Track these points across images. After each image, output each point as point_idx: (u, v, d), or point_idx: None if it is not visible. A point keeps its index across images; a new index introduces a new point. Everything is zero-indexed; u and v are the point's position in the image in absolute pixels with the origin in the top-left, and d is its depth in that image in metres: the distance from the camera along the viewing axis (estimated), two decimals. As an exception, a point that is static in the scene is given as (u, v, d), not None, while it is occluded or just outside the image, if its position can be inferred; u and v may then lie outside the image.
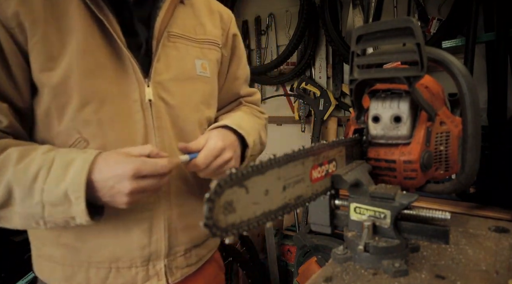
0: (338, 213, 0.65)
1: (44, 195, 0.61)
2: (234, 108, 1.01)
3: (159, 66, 0.75)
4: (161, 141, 0.75)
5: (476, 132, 0.66)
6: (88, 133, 0.69)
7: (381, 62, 0.67)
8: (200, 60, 0.84)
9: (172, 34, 0.79)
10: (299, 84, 2.40)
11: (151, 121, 0.74)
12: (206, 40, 0.86)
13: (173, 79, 0.78)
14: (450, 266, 0.59)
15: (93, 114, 0.69)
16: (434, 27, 1.85)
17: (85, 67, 0.67)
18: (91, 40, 0.68)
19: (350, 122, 0.77)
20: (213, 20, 0.90)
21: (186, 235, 0.81)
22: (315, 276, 0.59)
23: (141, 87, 0.73)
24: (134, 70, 0.72)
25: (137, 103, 0.73)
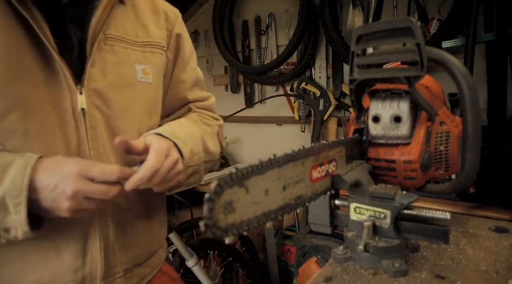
0: (338, 213, 0.65)
1: None
2: (182, 115, 0.94)
3: (94, 71, 0.69)
4: (96, 154, 0.69)
5: (476, 132, 0.66)
6: (13, 145, 0.61)
7: (381, 62, 0.67)
8: (142, 65, 0.77)
9: (110, 37, 0.72)
10: (299, 84, 2.40)
11: (85, 132, 0.68)
12: (149, 43, 0.79)
13: (111, 86, 0.71)
14: (450, 266, 0.59)
15: (18, 124, 0.61)
16: (434, 27, 1.85)
17: (6, 71, 0.60)
18: (14, 41, 0.61)
19: (350, 122, 0.77)
20: (158, 21, 0.83)
21: (125, 255, 0.76)
22: (315, 276, 0.59)
23: (73, 94, 0.66)
24: (64, 76, 0.64)
25: (69, 112, 0.66)
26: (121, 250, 0.75)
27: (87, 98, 0.67)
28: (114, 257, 0.74)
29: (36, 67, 0.63)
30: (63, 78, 0.65)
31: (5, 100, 0.60)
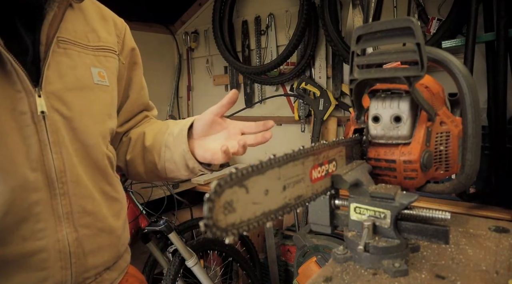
0: (338, 213, 0.65)
1: None
2: (142, 121, 0.96)
3: (50, 74, 0.67)
4: (59, 157, 0.67)
5: (476, 132, 0.66)
6: None
7: (381, 62, 0.67)
8: (97, 68, 0.77)
9: (62, 40, 0.71)
10: (299, 84, 2.40)
11: (46, 136, 0.65)
12: (101, 47, 0.79)
13: (68, 89, 0.70)
14: (450, 266, 0.59)
15: None
16: (434, 27, 1.85)
17: None
18: None
19: (350, 122, 0.77)
20: (107, 27, 0.84)
21: (96, 259, 0.74)
22: (315, 276, 0.59)
23: (30, 97, 0.63)
24: (19, 78, 0.62)
25: (27, 115, 0.63)
26: (92, 254, 0.74)
27: (46, 101, 0.65)
28: (85, 261, 0.72)
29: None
30: (17, 80, 0.62)
31: None
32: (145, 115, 0.97)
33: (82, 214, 0.71)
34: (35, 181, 0.64)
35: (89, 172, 0.73)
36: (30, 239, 0.64)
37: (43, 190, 0.65)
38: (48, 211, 0.66)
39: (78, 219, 0.71)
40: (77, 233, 0.70)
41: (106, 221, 0.77)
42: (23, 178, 0.62)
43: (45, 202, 0.65)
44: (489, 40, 1.55)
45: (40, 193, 0.65)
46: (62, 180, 0.68)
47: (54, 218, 0.67)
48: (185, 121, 0.82)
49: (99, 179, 0.76)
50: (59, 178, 0.67)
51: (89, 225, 0.73)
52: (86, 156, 0.73)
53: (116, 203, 0.82)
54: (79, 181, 0.71)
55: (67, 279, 0.69)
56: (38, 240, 0.65)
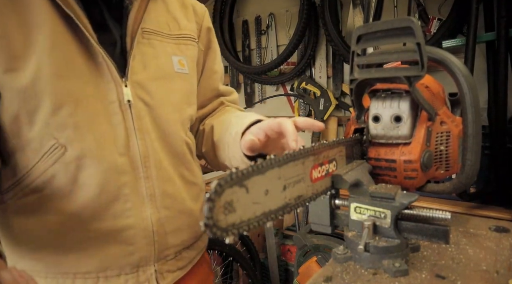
0: (338, 213, 0.65)
1: None
2: (218, 108, 0.97)
3: (135, 64, 0.71)
4: (143, 143, 0.72)
5: (477, 132, 0.66)
6: (65, 139, 0.65)
7: (381, 61, 0.67)
8: (177, 57, 0.80)
9: (146, 31, 0.74)
10: (299, 84, 2.40)
11: (132, 123, 0.70)
12: (181, 36, 0.82)
13: (151, 78, 0.74)
14: (450, 266, 0.59)
15: (68, 118, 0.64)
16: (435, 27, 1.85)
17: (56, 67, 0.62)
18: (60, 37, 0.63)
19: (350, 121, 0.77)
20: (187, 14, 0.86)
21: (175, 238, 0.79)
22: (315, 276, 0.59)
23: (118, 87, 0.68)
24: (109, 69, 0.67)
25: (115, 104, 0.68)
26: (172, 234, 0.78)
27: (132, 90, 0.70)
28: (166, 240, 0.77)
29: (82, 62, 0.65)
30: (107, 71, 0.67)
31: (56, 96, 0.63)
32: (221, 102, 0.97)
33: (164, 196, 0.76)
34: (123, 165, 0.69)
35: (169, 158, 0.77)
36: (120, 217, 0.70)
37: (129, 173, 0.70)
38: (134, 193, 0.71)
39: (160, 201, 0.75)
40: (159, 213, 0.75)
41: (185, 203, 0.80)
42: (113, 162, 0.68)
43: (132, 184, 0.71)
44: (489, 40, 1.55)
45: (127, 176, 0.70)
46: (146, 164, 0.72)
47: (139, 199, 0.72)
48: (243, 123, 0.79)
49: (178, 164, 0.80)
50: (143, 163, 0.72)
51: (170, 207, 0.77)
52: (166, 142, 0.76)
53: (195, 187, 0.85)
54: (161, 166, 0.75)
55: (151, 254, 0.74)
56: (126, 218, 0.71)
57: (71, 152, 0.65)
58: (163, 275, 0.77)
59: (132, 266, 0.73)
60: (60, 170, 0.66)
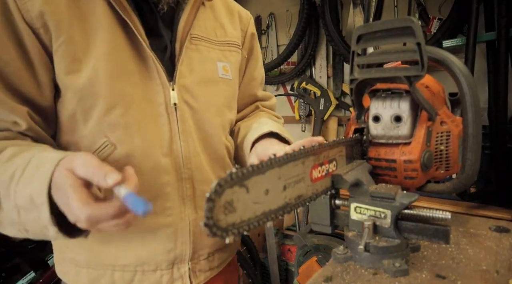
0: (338, 213, 0.65)
1: (17, 198, 0.55)
2: (252, 112, 1.00)
3: (183, 69, 0.74)
4: (186, 145, 0.74)
5: (477, 131, 0.66)
6: (115, 137, 0.68)
7: (382, 61, 0.67)
8: (222, 63, 0.82)
9: (194, 37, 0.77)
10: (299, 83, 2.40)
11: (176, 125, 0.73)
12: (226, 42, 0.85)
13: (197, 82, 0.76)
14: (450, 265, 0.59)
15: (120, 118, 0.67)
16: (435, 27, 1.85)
17: (111, 70, 0.66)
18: (116, 42, 0.67)
19: (350, 121, 0.77)
20: (233, 22, 0.89)
21: (210, 239, 0.79)
22: (316, 275, 0.59)
23: (166, 90, 0.71)
24: (158, 73, 0.70)
25: (162, 106, 0.72)
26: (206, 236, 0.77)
27: (178, 94, 0.73)
28: (201, 241, 0.78)
29: (134, 66, 0.68)
30: (157, 75, 0.70)
31: (110, 96, 0.66)
32: (257, 106, 1.00)
33: (202, 198, 0.76)
34: (166, 165, 0.72)
35: (209, 160, 0.80)
36: (161, 215, 0.73)
37: (172, 173, 0.73)
38: (175, 193, 0.73)
39: (199, 202, 0.77)
40: (197, 214, 0.77)
41: None
42: (157, 162, 0.71)
43: (173, 184, 0.73)
44: (489, 39, 1.55)
45: (169, 176, 0.72)
46: (188, 166, 0.75)
47: (179, 199, 0.74)
48: (257, 131, 0.82)
49: (217, 167, 0.82)
50: (185, 164, 0.74)
51: None
52: (207, 145, 0.79)
53: None
54: (201, 168, 0.77)
55: (186, 253, 0.76)
56: (166, 217, 0.73)
57: (120, 150, 0.68)
58: (196, 273, 0.80)
59: (168, 263, 0.75)
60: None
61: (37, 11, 0.61)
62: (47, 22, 0.62)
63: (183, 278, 0.77)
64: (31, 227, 0.56)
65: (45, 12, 0.61)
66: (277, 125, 0.85)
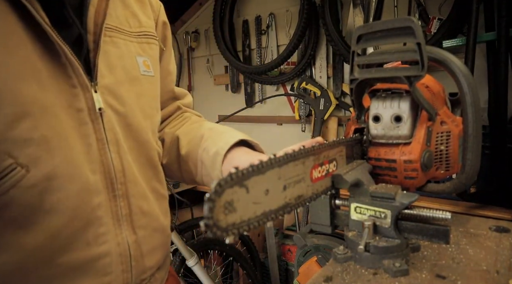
0: (338, 213, 0.65)
1: None
2: (175, 114, 0.90)
3: (101, 66, 0.62)
4: (117, 157, 0.64)
5: (477, 131, 0.66)
6: (26, 157, 0.53)
7: (382, 61, 0.67)
8: (142, 57, 0.71)
9: (109, 28, 0.65)
10: (299, 83, 2.40)
11: (103, 134, 0.61)
12: (143, 34, 0.73)
13: (119, 82, 0.65)
14: (450, 265, 0.59)
15: (30, 131, 0.53)
16: (435, 27, 1.85)
17: (11, 69, 0.51)
18: (13, 33, 0.52)
19: (350, 121, 0.77)
20: (144, 9, 0.76)
21: (151, 259, 0.72)
22: (316, 275, 0.59)
23: (86, 93, 0.59)
24: (74, 71, 0.57)
25: (84, 112, 0.59)
26: (148, 255, 0.71)
27: (102, 96, 0.61)
28: (143, 263, 0.70)
29: (41, 64, 0.55)
30: (72, 74, 0.58)
31: (14, 104, 0.52)
32: (177, 106, 0.90)
33: (140, 215, 0.69)
34: (96, 184, 0.61)
35: (142, 171, 0.70)
36: (93, 244, 0.61)
37: (103, 192, 0.62)
38: (108, 214, 0.63)
39: (136, 221, 0.68)
40: (136, 235, 0.68)
41: (159, 220, 0.74)
42: (86, 181, 0.59)
43: (106, 205, 0.62)
44: (490, 39, 1.55)
45: (101, 196, 0.62)
46: (121, 180, 0.64)
47: (113, 221, 0.64)
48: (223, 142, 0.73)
49: (151, 177, 0.73)
50: (118, 179, 0.64)
51: (146, 226, 0.70)
52: (139, 154, 0.69)
53: (165, 201, 0.79)
54: (136, 181, 0.68)
55: (128, 282, 0.67)
56: (101, 245, 0.62)
57: (36, 173, 0.54)
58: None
59: None
60: (20, 196, 0.54)
61: None
62: None
63: None
64: None
65: None
66: (235, 130, 0.77)
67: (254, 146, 0.75)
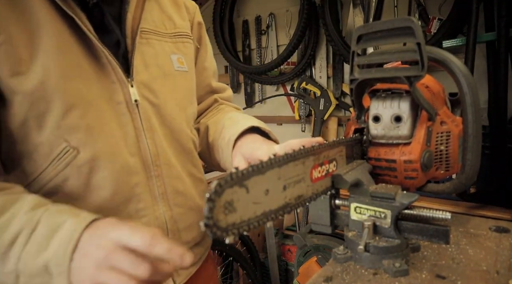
0: (338, 213, 0.65)
1: (20, 264, 0.52)
2: (212, 106, 0.98)
3: (137, 64, 0.72)
4: (152, 143, 0.73)
5: (477, 132, 0.66)
6: (77, 141, 0.64)
7: (382, 61, 0.67)
8: (176, 55, 0.81)
9: (144, 31, 0.75)
10: (299, 83, 2.40)
11: (140, 123, 0.71)
12: (178, 34, 0.83)
13: (153, 77, 0.75)
14: (450, 266, 0.59)
15: (79, 119, 0.63)
16: (435, 27, 1.85)
17: (62, 69, 0.62)
18: (63, 39, 0.62)
19: (350, 121, 0.77)
20: (180, 12, 0.87)
21: (188, 235, 0.80)
22: (316, 276, 0.59)
23: (124, 88, 0.69)
24: (113, 69, 0.67)
25: (122, 105, 0.69)
26: (185, 230, 0.79)
27: (137, 90, 0.71)
28: (180, 237, 0.78)
29: (86, 63, 0.65)
30: (112, 72, 0.67)
31: (65, 98, 0.62)
32: (215, 99, 0.99)
33: (175, 194, 0.77)
34: (134, 165, 0.70)
35: (177, 155, 0.79)
36: (135, 217, 0.71)
37: (141, 173, 0.71)
38: (146, 192, 0.72)
39: (172, 199, 0.76)
40: (172, 211, 0.76)
41: (195, 200, 0.82)
42: (125, 163, 0.68)
43: (144, 184, 0.71)
44: (489, 40, 1.55)
45: (139, 175, 0.70)
46: (156, 163, 0.73)
47: (151, 198, 0.73)
48: (235, 130, 0.79)
49: (186, 162, 0.81)
50: (153, 161, 0.73)
51: (181, 205, 0.78)
52: (174, 140, 0.78)
53: (201, 183, 0.87)
54: (170, 164, 0.76)
55: None
56: (141, 218, 0.71)
57: (84, 155, 0.64)
58: (177, 272, 0.79)
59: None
60: (73, 174, 0.64)
61: None
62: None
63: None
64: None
65: None
66: (253, 118, 0.83)
67: (268, 133, 0.80)
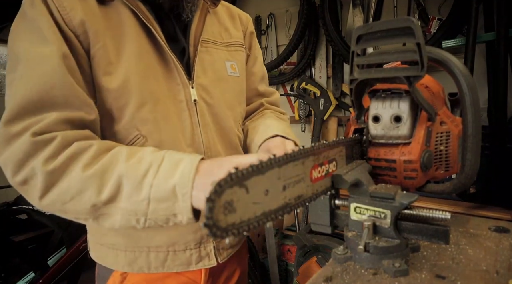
0: (338, 213, 0.65)
1: (152, 191, 0.63)
2: (258, 109, 1.08)
3: (198, 69, 0.83)
4: (206, 136, 0.84)
5: (477, 132, 0.66)
6: (146, 130, 0.76)
7: (381, 62, 0.67)
8: (230, 62, 0.93)
9: (204, 40, 0.87)
10: (299, 84, 2.40)
11: (196, 119, 0.82)
12: (232, 43, 0.96)
13: (210, 81, 0.86)
14: (450, 266, 0.59)
15: (149, 113, 0.76)
16: (434, 27, 1.85)
17: (140, 71, 0.75)
18: (142, 47, 0.76)
19: (350, 122, 0.77)
20: (235, 24, 1.00)
21: None
22: (315, 276, 0.59)
23: (186, 88, 0.81)
24: (178, 73, 0.79)
25: (183, 103, 0.81)
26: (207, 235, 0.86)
27: (196, 92, 0.82)
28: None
29: (159, 67, 0.78)
30: (177, 75, 0.80)
31: (140, 95, 0.75)
32: (261, 103, 1.08)
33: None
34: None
35: (225, 149, 0.89)
36: None
37: None
38: None
39: None
40: None
41: None
42: (182, 151, 0.75)
43: None
44: (489, 40, 1.55)
45: None
46: (208, 154, 0.83)
47: None
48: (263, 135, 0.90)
49: (232, 154, 0.86)
50: (206, 153, 0.83)
51: None
52: (223, 136, 0.88)
53: None
54: (219, 156, 0.85)
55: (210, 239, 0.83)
56: None
57: (150, 142, 0.76)
58: (219, 251, 0.87)
59: (196, 242, 0.83)
60: None
61: (79, 20, 0.69)
62: (87, 30, 0.70)
63: (209, 256, 0.85)
64: (154, 216, 0.63)
65: (85, 21, 0.70)
66: (282, 126, 0.93)
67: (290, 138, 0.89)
